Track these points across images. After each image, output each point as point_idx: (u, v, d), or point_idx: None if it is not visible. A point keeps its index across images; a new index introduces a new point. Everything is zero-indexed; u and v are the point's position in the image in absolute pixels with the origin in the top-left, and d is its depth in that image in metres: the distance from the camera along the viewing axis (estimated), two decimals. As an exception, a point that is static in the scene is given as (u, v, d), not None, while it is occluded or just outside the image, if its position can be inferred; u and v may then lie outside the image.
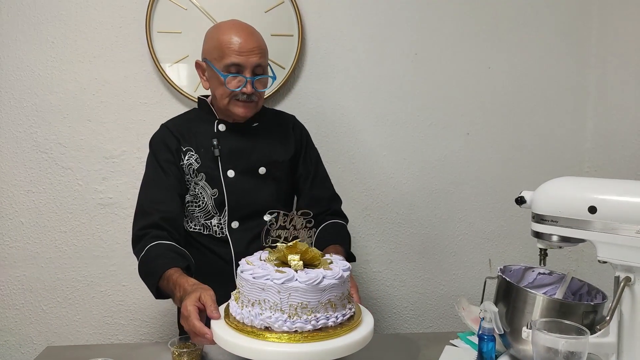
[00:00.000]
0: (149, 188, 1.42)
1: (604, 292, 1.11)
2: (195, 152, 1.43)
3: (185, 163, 1.43)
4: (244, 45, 1.35)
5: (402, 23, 1.95)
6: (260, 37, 1.41)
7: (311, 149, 1.59)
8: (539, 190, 1.09)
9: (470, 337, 1.27)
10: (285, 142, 1.51)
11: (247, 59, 1.35)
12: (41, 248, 1.92)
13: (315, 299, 0.98)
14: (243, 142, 1.45)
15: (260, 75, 1.39)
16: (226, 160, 1.43)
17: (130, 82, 1.88)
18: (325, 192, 1.57)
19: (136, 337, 1.98)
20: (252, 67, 1.36)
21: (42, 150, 1.88)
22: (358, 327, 1.05)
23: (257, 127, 1.48)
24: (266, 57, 1.41)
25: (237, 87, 1.37)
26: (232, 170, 1.43)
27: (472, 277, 2.09)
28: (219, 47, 1.37)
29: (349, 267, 1.09)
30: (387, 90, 1.98)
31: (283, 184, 1.50)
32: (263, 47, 1.40)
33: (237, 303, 1.05)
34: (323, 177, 1.58)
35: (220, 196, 1.42)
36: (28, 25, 1.82)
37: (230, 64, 1.35)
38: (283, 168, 1.49)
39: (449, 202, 2.05)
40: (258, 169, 1.45)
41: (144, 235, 1.33)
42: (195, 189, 1.43)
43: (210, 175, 1.42)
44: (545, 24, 2.00)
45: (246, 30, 1.39)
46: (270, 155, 1.47)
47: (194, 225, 1.46)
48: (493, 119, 2.03)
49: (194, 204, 1.45)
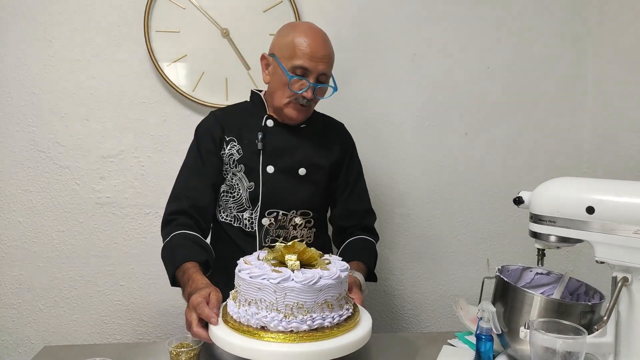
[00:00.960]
0: (185, 174, 1.45)
1: (602, 292, 1.11)
2: (237, 142, 1.43)
3: (227, 152, 1.43)
4: (316, 51, 1.34)
5: (401, 23, 1.95)
6: (331, 47, 1.40)
7: (355, 160, 1.57)
8: (537, 190, 1.09)
9: (468, 337, 1.27)
10: (330, 147, 1.50)
11: (315, 65, 1.35)
12: (38, 247, 1.92)
13: (311, 299, 0.98)
14: (288, 141, 1.45)
15: (323, 83, 1.39)
16: (268, 155, 1.42)
17: (129, 81, 1.87)
18: (360, 206, 1.54)
19: (134, 337, 1.98)
20: (318, 74, 1.36)
21: (39, 149, 1.88)
22: (355, 327, 1.06)
23: (304, 129, 1.48)
24: (332, 67, 1.41)
25: (299, 90, 1.36)
26: (272, 167, 1.42)
27: (470, 277, 2.09)
28: (291, 46, 1.35)
29: (347, 268, 1.09)
30: (385, 91, 1.98)
31: (320, 188, 1.48)
32: (332, 56, 1.40)
33: (235, 302, 1.05)
34: (361, 190, 1.56)
35: (256, 190, 1.42)
36: (26, 24, 1.82)
37: (298, 66, 1.35)
38: (323, 172, 1.48)
39: (447, 202, 2.06)
40: (298, 170, 1.44)
41: (172, 220, 1.38)
42: (233, 179, 1.43)
43: (249, 167, 1.42)
44: (544, 25, 2.00)
45: (321, 37, 1.39)
46: (312, 157, 1.46)
47: (225, 215, 1.47)
48: (491, 120, 2.03)
49: (229, 195, 1.45)
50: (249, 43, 1.87)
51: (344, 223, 1.52)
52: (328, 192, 1.53)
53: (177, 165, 1.91)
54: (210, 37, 1.85)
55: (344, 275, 1.05)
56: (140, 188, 1.92)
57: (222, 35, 1.86)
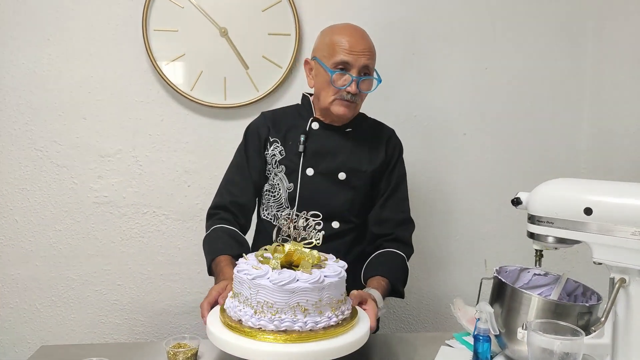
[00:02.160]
0: (231, 171, 1.51)
1: (599, 293, 1.11)
2: (281, 144, 1.46)
3: (270, 153, 1.46)
4: (354, 45, 1.36)
5: (399, 23, 1.95)
6: (370, 41, 1.42)
7: (398, 167, 1.53)
8: (534, 191, 1.09)
9: (466, 338, 1.27)
10: (374, 153, 1.48)
11: (356, 58, 1.36)
12: (36, 246, 1.91)
13: (282, 300, 0.98)
14: (330, 144, 1.45)
15: (366, 76, 1.40)
16: (309, 158, 1.44)
17: (127, 80, 1.87)
18: (396, 215, 1.48)
19: (131, 337, 1.98)
20: (360, 68, 1.37)
21: (37, 148, 1.87)
22: (353, 328, 1.05)
23: (349, 132, 1.47)
24: (374, 60, 1.43)
25: (342, 85, 1.37)
26: (312, 169, 1.43)
27: (468, 278, 2.09)
28: (330, 45, 1.38)
29: (338, 274, 1.05)
30: (383, 91, 1.98)
31: (360, 194, 1.47)
32: (373, 50, 1.41)
33: (230, 293, 1.10)
34: (400, 198, 1.52)
35: (294, 191, 1.44)
36: (24, 23, 1.81)
37: (339, 62, 1.36)
38: (364, 178, 1.46)
39: (445, 202, 2.06)
40: (338, 174, 1.44)
41: (214, 214, 1.45)
42: (274, 179, 1.46)
43: (290, 168, 1.44)
44: (542, 25, 2.00)
45: (359, 32, 1.41)
46: (353, 162, 1.45)
47: (267, 213, 1.49)
48: (489, 120, 2.03)
49: (270, 194, 1.48)
50: (248, 42, 1.86)
51: (377, 230, 1.47)
52: (369, 199, 1.50)
53: (175, 164, 1.92)
54: (208, 36, 1.85)
55: (329, 282, 1.01)
56: (138, 187, 1.92)
57: (221, 34, 1.85)
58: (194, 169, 1.93)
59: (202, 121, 1.91)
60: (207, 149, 1.92)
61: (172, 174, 1.93)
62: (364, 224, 1.51)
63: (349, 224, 1.45)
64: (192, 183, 1.94)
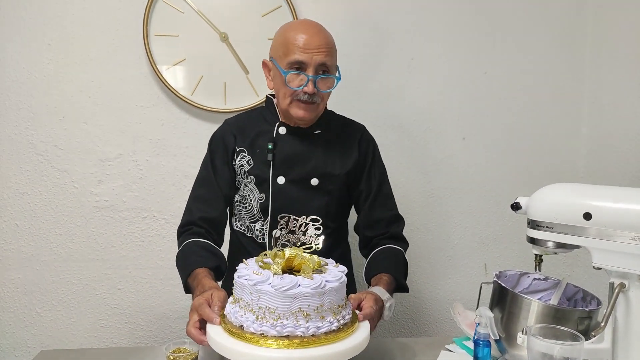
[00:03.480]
0: (197, 186, 1.46)
1: (599, 298, 1.11)
2: (248, 153, 1.41)
3: (237, 164, 1.42)
4: (308, 43, 1.29)
5: (399, 28, 1.96)
6: (328, 36, 1.35)
7: (376, 165, 1.48)
8: (534, 196, 1.10)
9: (466, 342, 1.27)
10: (346, 154, 1.43)
11: (310, 56, 1.29)
12: (36, 250, 1.91)
13: (283, 305, 0.98)
14: (300, 149, 1.40)
15: (324, 74, 1.33)
16: (279, 166, 1.39)
17: (127, 84, 1.88)
18: (385, 214, 1.46)
19: (131, 341, 1.97)
20: (316, 66, 1.30)
21: (37, 153, 1.88)
22: (354, 333, 1.05)
23: (318, 135, 1.42)
24: (333, 56, 1.34)
25: (298, 85, 1.31)
26: (283, 177, 1.38)
27: (468, 282, 2.09)
28: (284, 44, 1.32)
29: (339, 279, 1.05)
30: (383, 95, 1.99)
31: (335, 198, 1.43)
32: (330, 45, 1.33)
33: (230, 299, 1.09)
34: (385, 196, 1.48)
35: (267, 202, 1.39)
36: (25, 27, 1.82)
37: (294, 62, 1.30)
38: (337, 182, 1.42)
39: (445, 207, 2.06)
40: (310, 180, 1.39)
41: (185, 230, 1.39)
42: (245, 190, 1.42)
43: (260, 178, 1.39)
44: (541, 30, 2.01)
45: (314, 27, 1.34)
46: (325, 166, 1.40)
47: (240, 224, 1.46)
48: (489, 124, 2.04)
49: (241, 205, 1.44)
50: (248, 47, 1.87)
51: (370, 233, 1.46)
52: (346, 201, 1.48)
53: (175, 168, 1.93)
54: (209, 41, 1.85)
55: (330, 287, 1.01)
56: (138, 192, 1.92)
57: (221, 39, 1.86)
58: (194, 174, 1.91)
59: (202, 125, 1.91)
60: (208, 154, 1.92)
61: (173, 179, 1.93)
62: (341, 226, 1.50)
63: (327, 229, 1.42)
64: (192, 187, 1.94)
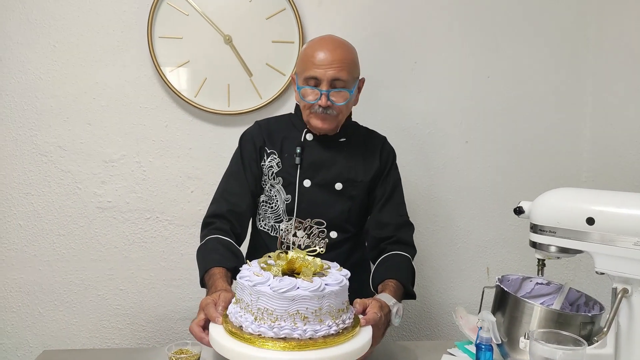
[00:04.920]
0: (227, 179, 1.49)
1: (602, 303, 1.11)
2: (278, 155, 1.46)
3: (266, 164, 1.46)
4: (323, 59, 1.35)
5: (402, 31, 1.96)
6: (344, 52, 1.39)
7: (392, 172, 1.53)
8: (537, 200, 1.10)
9: (468, 346, 1.27)
10: (369, 162, 1.48)
11: (324, 72, 1.34)
12: (39, 251, 1.92)
13: (281, 307, 0.98)
14: (326, 155, 1.45)
15: (337, 88, 1.37)
16: (305, 169, 1.44)
17: (131, 86, 1.88)
18: (395, 219, 1.49)
19: (133, 342, 1.98)
20: (330, 80, 1.35)
21: (41, 153, 1.88)
22: (355, 337, 1.05)
23: (343, 142, 1.48)
24: (348, 71, 1.38)
25: (313, 100, 1.37)
26: (309, 180, 1.44)
27: (470, 286, 2.09)
28: (304, 60, 1.39)
29: (340, 282, 1.04)
30: (386, 98, 1.99)
31: (357, 204, 1.48)
32: (346, 61, 1.37)
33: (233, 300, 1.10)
34: (397, 202, 1.52)
35: (292, 203, 1.44)
36: (30, 29, 1.83)
37: (309, 77, 1.36)
38: (360, 188, 1.47)
39: (448, 210, 2.06)
40: (335, 184, 1.44)
41: (210, 223, 1.42)
42: (271, 191, 1.46)
43: (287, 180, 1.44)
44: (543, 33, 2.01)
45: (332, 44, 1.39)
46: (349, 172, 1.45)
47: (265, 224, 1.49)
48: (491, 128, 2.04)
49: (267, 205, 1.48)
50: (252, 50, 1.87)
51: (378, 234, 1.48)
52: (366, 208, 1.52)
53: (179, 170, 1.93)
54: (213, 43, 1.86)
55: (329, 290, 1.01)
56: (141, 193, 1.92)
57: (225, 41, 1.87)
58: (197, 175, 1.94)
59: (205, 127, 1.91)
60: (211, 155, 1.93)
61: (176, 180, 1.94)
62: (361, 232, 1.53)
63: (347, 233, 1.47)
64: (195, 189, 1.94)
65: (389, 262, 1.41)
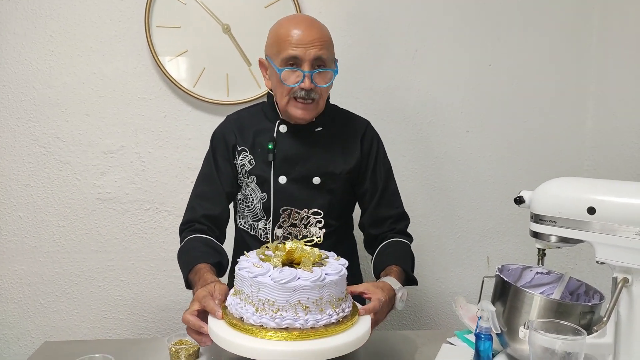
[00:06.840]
0: (200, 183, 1.44)
1: (602, 292, 1.11)
2: (249, 152, 1.39)
3: (239, 163, 1.40)
4: (302, 37, 1.25)
5: (403, 20, 1.94)
6: (322, 29, 1.30)
7: (381, 162, 1.45)
8: (538, 190, 1.09)
9: (468, 336, 1.27)
10: (349, 151, 1.40)
11: (305, 51, 1.25)
12: (39, 242, 1.92)
13: (282, 298, 0.98)
14: (301, 148, 1.37)
15: (320, 69, 1.28)
16: (279, 165, 1.37)
17: (129, 76, 1.87)
18: (391, 212, 1.44)
19: (134, 333, 1.98)
20: (311, 60, 1.26)
21: (40, 145, 1.88)
22: (355, 326, 1.05)
23: (320, 132, 1.39)
24: (329, 49, 1.30)
25: (295, 82, 1.27)
26: (284, 177, 1.37)
27: (470, 275, 2.09)
28: (277, 40, 1.29)
29: (339, 272, 1.05)
30: (387, 87, 1.98)
31: (338, 196, 1.41)
32: (325, 39, 1.29)
33: (232, 291, 1.10)
34: (392, 194, 1.46)
35: (269, 201, 1.38)
36: (27, 19, 1.81)
37: (288, 57, 1.26)
38: (339, 180, 1.39)
39: (448, 200, 2.05)
40: (312, 179, 1.37)
41: (187, 228, 1.38)
42: (246, 189, 1.41)
43: (261, 178, 1.38)
44: (546, 23, 1.99)
45: (307, 21, 1.30)
46: (327, 165, 1.38)
47: (244, 222, 1.46)
48: (493, 117, 2.03)
49: (244, 204, 1.43)
50: (250, 39, 1.86)
51: (375, 231, 1.44)
52: (349, 198, 1.46)
53: (178, 160, 1.93)
54: (211, 32, 1.84)
55: (330, 280, 1.01)
56: (140, 184, 1.92)
57: (224, 31, 1.85)
58: (197, 166, 1.90)
59: (204, 117, 1.90)
60: (210, 146, 1.92)
61: (175, 170, 1.93)
62: (345, 222, 1.49)
63: (329, 227, 1.41)
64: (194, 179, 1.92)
65: (390, 249, 1.40)
